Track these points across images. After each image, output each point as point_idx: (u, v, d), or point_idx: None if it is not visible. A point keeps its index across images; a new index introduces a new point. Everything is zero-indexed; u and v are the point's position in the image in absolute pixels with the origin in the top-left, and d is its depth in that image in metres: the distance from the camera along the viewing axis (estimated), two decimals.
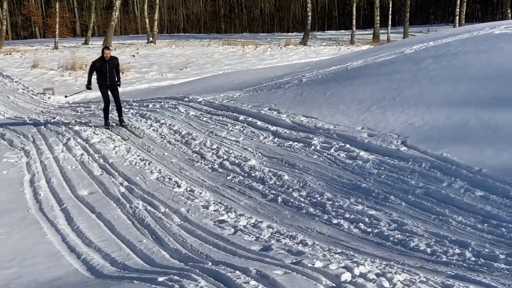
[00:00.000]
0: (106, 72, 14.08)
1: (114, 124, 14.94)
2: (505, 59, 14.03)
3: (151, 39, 47.47)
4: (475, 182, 9.03)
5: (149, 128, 14.36)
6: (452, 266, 6.52)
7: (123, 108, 15.49)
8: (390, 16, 49.89)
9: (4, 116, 18.43)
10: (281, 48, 42.57)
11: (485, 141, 10.25)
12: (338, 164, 10.56)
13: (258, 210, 8.96)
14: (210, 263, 6.50)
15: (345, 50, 38.95)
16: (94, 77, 14.68)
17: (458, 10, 47.82)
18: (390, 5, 50.78)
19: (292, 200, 9.23)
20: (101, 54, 14.26)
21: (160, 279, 5.98)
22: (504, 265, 6.40)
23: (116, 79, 14.43)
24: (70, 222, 8.68)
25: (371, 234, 7.73)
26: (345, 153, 10.96)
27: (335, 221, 8.23)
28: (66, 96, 20.36)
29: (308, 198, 9.21)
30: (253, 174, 10.55)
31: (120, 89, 14.87)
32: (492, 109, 11.38)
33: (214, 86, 19.53)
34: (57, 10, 44.40)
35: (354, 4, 50.35)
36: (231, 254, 6.89)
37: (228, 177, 10.59)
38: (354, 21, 49.55)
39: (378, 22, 49.09)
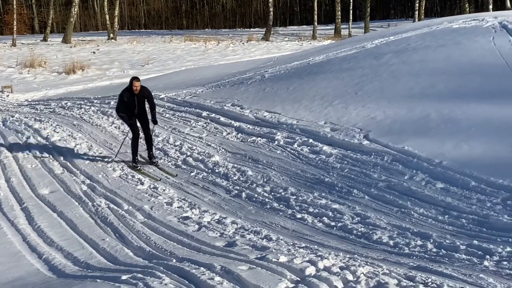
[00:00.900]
0: (134, 107, 11.37)
1: (137, 159, 11.66)
2: (463, 53, 14.24)
3: (111, 35, 46.94)
4: (436, 175, 9.16)
5: (111, 125, 14.21)
6: (414, 257, 6.59)
7: (153, 142, 11.96)
8: (351, 11, 50.24)
9: None
10: (243, 44, 42.53)
11: (445, 134, 10.40)
12: (301, 159, 10.60)
13: (222, 206, 8.94)
14: (174, 260, 6.46)
15: (307, 45, 39.08)
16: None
17: (417, 5, 48.35)
18: (351, 0, 51.13)
19: (256, 195, 9.24)
20: (129, 86, 11.38)
21: (124, 277, 5.92)
22: (465, 255, 6.51)
23: (150, 116, 11.58)
24: (30, 221, 8.54)
25: (334, 228, 7.78)
26: (308, 147, 11.01)
27: (299, 216, 8.27)
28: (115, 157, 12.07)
29: (272, 193, 9.23)
30: (216, 170, 10.52)
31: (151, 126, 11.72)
32: (451, 103, 11.55)
33: (176, 83, 19.41)
34: (15, 6, 43.58)
35: None
36: (196, 251, 6.87)
37: (192, 174, 10.55)
38: (316, 16, 49.74)
39: (340, 17, 49.37)
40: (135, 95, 11.32)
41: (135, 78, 11.42)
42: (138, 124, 11.57)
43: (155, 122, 11.54)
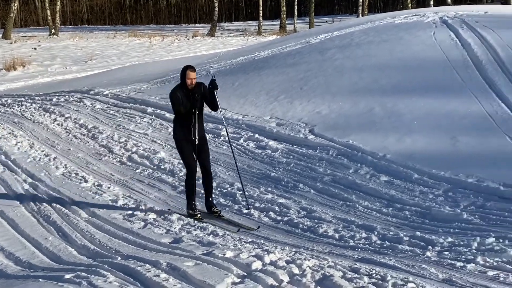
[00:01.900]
0: (191, 112, 8.06)
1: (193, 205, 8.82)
2: (405, 48, 14.50)
3: (53, 31, 46.00)
4: (380, 168, 9.31)
5: (53, 123, 13.92)
6: (359, 250, 6.68)
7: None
8: (296, 7, 50.49)
9: None
10: (188, 39, 42.28)
11: (389, 127, 10.58)
12: (247, 154, 10.61)
13: (168, 202, 8.87)
14: (119, 258, 6.38)
15: (252, 41, 39.13)
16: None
17: (361, 0, 48.95)
18: None
19: (202, 191, 9.16)
20: (181, 80, 8.16)
21: (67, 276, 5.81)
22: (408, 246, 6.63)
23: (214, 106, 8.34)
24: None
25: (281, 222, 7.81)
26: (254, 143, 11.03)
27: (245, 211, 8.26)
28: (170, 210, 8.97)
29: (219, 189, 9.20)
30: (162, 167, 10.43)
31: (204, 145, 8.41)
32: (394, 97, 11.75)
33: (120, 79, 19.17)
34: None
35: None
36: (141, 248, 6.79)
37: (137, 170, 10.43)
38: (261, 12, 49.84)
39: (285, 12, 49.56)
40: (190, 92, 8.05)
41: (189, 67, 8.10)
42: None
43: (215, 85, 8.11)
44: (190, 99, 8.00)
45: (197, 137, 8.07)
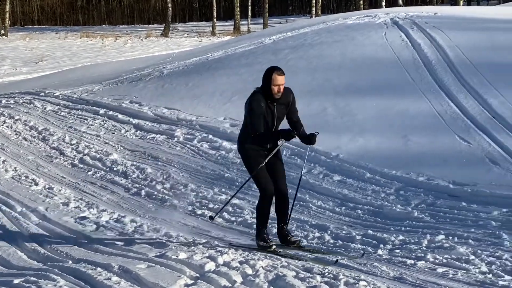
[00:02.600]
0: (272, 124, 6.52)
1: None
2: (357, 48, 14.66)
3: (2, 31, 45.11)
4: (333, 167, 9.39)
5: (2, 125, 13.62)
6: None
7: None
8: (250, 8, 50.58)
9: None
10: (142, 40, 41.94)
11: (342, 127, 10.69)
12: (201, 155, 10.58)
13: (121, 204, 8.78)
14: (70, 262, 6.28)
15: (206, 41, 39.04)
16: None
17: (314, 1, 49.32)
18: None
19: (155, 192, 9.13)
20: (263, 84, 6.47)
21: (16, 281, 5.70)
22: (360, 245, 6.69)
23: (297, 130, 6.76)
24: None
25: (235, 223, 7.81)
26: (208, 144, 11.01)
27: (199, 212, 8.24)
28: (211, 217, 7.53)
29: (172, 190, 9.16)
30: (115, 169, 10.32)
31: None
32: (346, 97, 11.87)
33: (72, 80, 18.87)
34: None
35: None
36: (93, 251, 6.69)
37: (89, 173, 10.30)
38: (215, 12, 49.79)
39: (239, 13, 49.61)
40: (275, 103, 6.48)
41: (276, 69, 6.42)
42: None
43: (313, 141, 6.65)
44: (273, 113, 6.41)
45: (272, 153, 6.53)
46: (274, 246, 6.49)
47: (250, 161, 6.51)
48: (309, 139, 6.60)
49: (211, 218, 7.00)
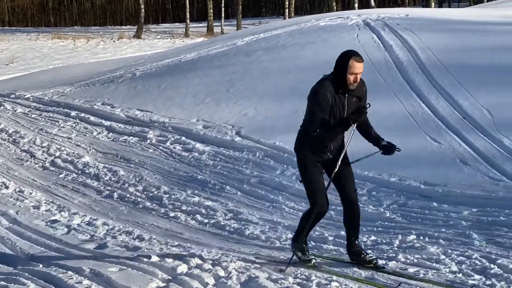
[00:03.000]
0: (339, 119, 5.64)
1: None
2: (330, 50, 14.68)
3: None
4: None
5: None
6: (286, 251, 6.70)
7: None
8: (223, 9, 50.53)
9: None
10: (114, 41, 41.64)
11: None
12: (174, 157, 10.55)
13: (93, 207, 8.72)
14: (41, 266, 6.20)
15: (179, 43, 38.89)
16: None
17: (287, 3, 49.44)
18: None
19: (128, 195, 9.08)
20: (336, 72, 5.59)
21: None
22: (333, 246, 6.73)
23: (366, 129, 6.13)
24: None
25: (208, 225, 7.80)
26: (181, 145, 10.98)
27: (172, 214, 8.21)
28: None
29: (145, 193, 9.11)
30: (87, 171, 10.24)
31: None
32: None
33: (43, 82, 18.67)
34: None
35: None
36: (64, 255, 6.63)
37: (61, 175, 10.20)
38: (188, 13, 49.65)
39: (212, 14, 49.51)
40: (347, 93, 5.61)
41: (354, 54, 5.56)
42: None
43: (391, 151, 6.03)
44: (343, 107, 5.50)
45: (340, 158, 5.70)
46: (314, 261, 5.83)
47: (305, 171, 5.77)
48: (388, 150, 5.95)
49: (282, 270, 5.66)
